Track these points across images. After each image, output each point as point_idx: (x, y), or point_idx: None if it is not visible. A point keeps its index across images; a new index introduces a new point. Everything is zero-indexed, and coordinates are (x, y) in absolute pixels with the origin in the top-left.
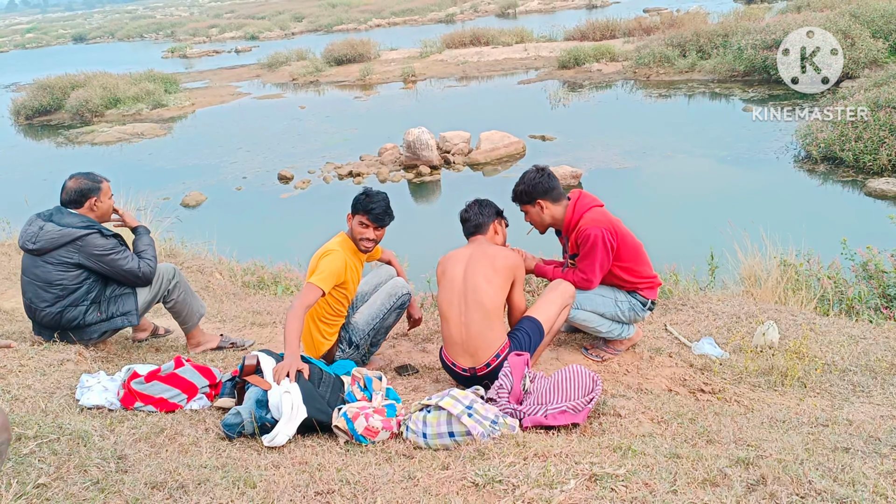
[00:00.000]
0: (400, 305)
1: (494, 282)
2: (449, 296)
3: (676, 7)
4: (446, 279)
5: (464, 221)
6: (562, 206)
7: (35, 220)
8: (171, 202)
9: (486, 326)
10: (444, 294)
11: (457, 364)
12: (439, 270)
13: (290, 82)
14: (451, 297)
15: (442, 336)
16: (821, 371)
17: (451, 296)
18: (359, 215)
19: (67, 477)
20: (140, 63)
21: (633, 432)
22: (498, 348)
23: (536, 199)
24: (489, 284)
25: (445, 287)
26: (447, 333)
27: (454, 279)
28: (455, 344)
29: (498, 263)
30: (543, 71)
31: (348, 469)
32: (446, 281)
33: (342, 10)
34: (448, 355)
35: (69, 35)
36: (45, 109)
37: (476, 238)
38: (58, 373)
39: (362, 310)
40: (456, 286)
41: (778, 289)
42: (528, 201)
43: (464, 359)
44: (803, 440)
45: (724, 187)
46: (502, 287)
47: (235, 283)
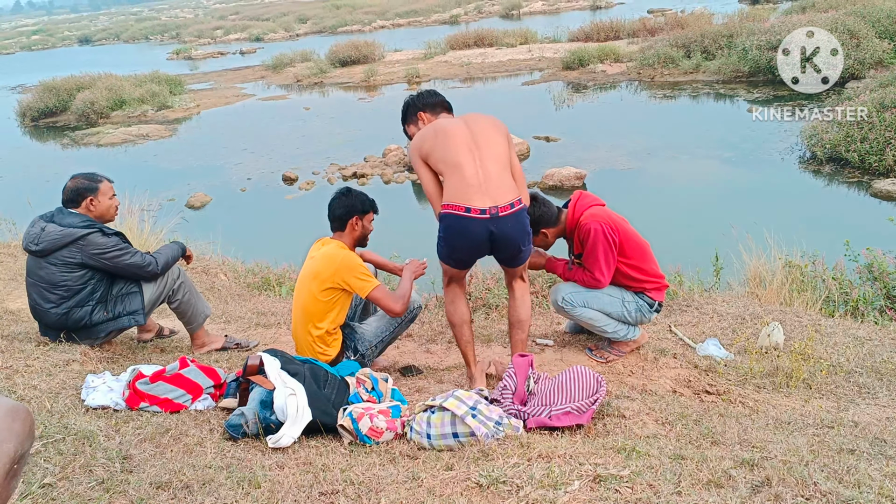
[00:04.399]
0: (411, 319)
1: (503, 134)
2: (456, 144)
3: (681, 8)
4: (446, 134)
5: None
6: (562, 223)
7: (38, 221)
8: (176, 203)
9: (505, 172)
10: (450, 144)
11: (471, 208)
12: (429, 134)
13: (295, 84)
14: (460, 145)
15: (446, 186)
16: (826, 372)
17: (458, 144)
18: (369, 214)
19: (73, 477)
20: (145, 65)
21: (638, 433)
22: (518, 195)
23: (540, 230)
24: (500, 135)
25: (449, 139)
26: (458, 178)
27: (456, 132)
28: (469, 186)
29: (498, 122)
30: (547, 72)
31: (352, 470)
32: (446, 135)
33: (346, 11)
34: (456, 202)
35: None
36: (50, 111)
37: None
38: (63, 373)
39: (371, 321)
40: (461, 135)
41: (783, 290)
42: (534, 233)
43: (481, 200)
44: (808, 442)
45: (728, 188)
46: (509, 144)
47: (240, 283)
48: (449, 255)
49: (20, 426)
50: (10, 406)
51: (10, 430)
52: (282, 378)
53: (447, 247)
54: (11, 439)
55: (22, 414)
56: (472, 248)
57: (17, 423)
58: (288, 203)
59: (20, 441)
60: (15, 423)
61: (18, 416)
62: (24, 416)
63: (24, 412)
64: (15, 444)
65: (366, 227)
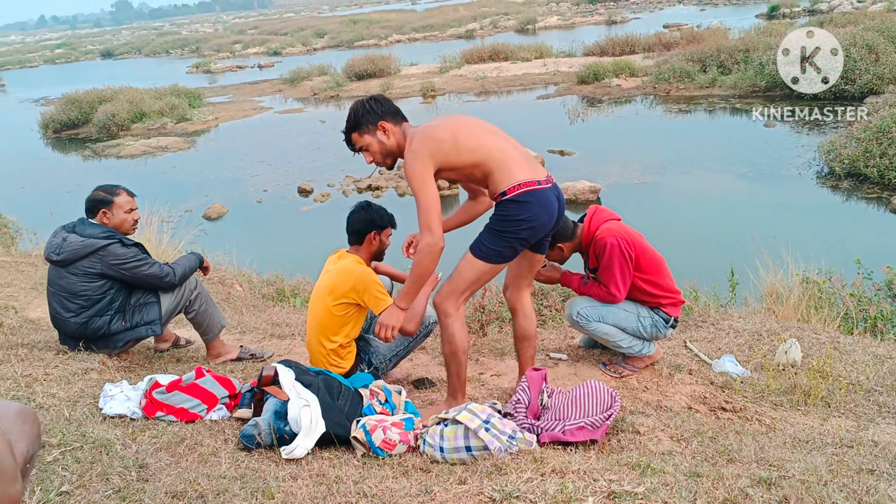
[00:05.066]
0: (426, 334)
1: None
2: (485, 131)
3: (697, 23)
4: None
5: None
6: (577, 237)
7: (59, 231)
8: (193, 214)
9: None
10: (480, 134)
11: (541, 180)
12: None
13: (312, 97)
14: (487, 131)
15: (496, 171)
16: (845, 391)
17: (486, 130)
18: (387, 229)
19: (90, 485)
20: (165, 78)
21: (653, 450)
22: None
23: (556, 244)
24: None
25: (474, 129)
26: (509, 159)
27: (474, 122)
28: (526, 161)
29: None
30: (562, 86)
31: (366, 482)
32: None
33: (363, 26)
34: (526, 178)
35: (97, 51)
36: (72, 123)
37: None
38: (82, 381)
39: None
40: (480, 124)
41: (800, 306)
42: (549, 247)
43: (538, 172)
44: (827, 461)
45: (744, 203)
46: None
47: (255, 294)
48: (525, 238)
49: (30, 427)
50: (19, 409)
51: (22, 431)
52: (296, 389)
53: (528, 229)
54: (23, 439)
55: (31, 416)
56: (551, 221)
57: (28, 425)
58: (303, 215)
59: (30, 441)
60: (25, 424)
61: (28, 419)
62: (33, 419)
63: (32, 415)
64: (27, 443)
65: (383, 242)
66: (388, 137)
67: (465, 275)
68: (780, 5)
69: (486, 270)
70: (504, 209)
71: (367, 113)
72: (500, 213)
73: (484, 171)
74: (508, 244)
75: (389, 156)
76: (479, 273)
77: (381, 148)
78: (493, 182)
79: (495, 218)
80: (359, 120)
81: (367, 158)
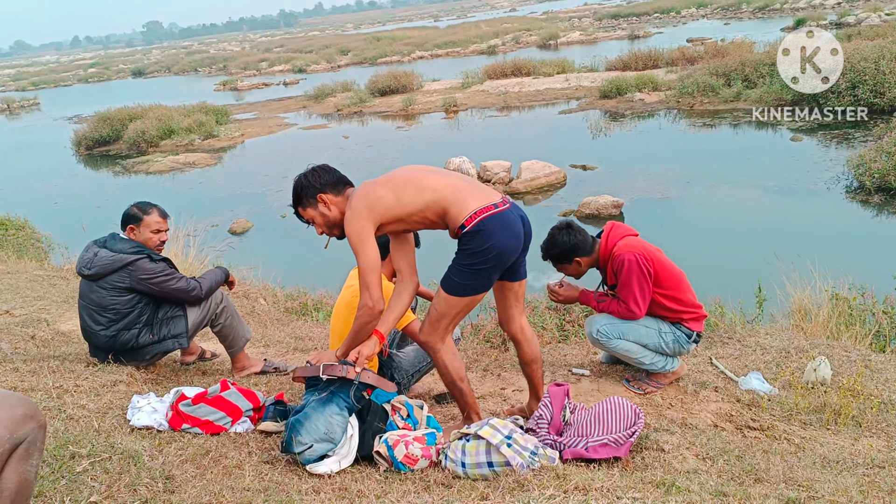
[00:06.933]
0: None
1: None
2: (426, 173)
3: (721, 37)
4: (406, 177)
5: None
6: (595, 252)
7: (91, 246)
8: (219, 229)
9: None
10: (420, 178)
11: (496, 203)
12: (382, 192)
13: (335, 113)
14: (428, 172)
15: (450, 206)
16: (877, 410)
17: (427, 171)
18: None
19: (118, 496)
20: (193, 95)
21: (678, 468)
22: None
23: (574, 259)
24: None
25: (413, 175)
26: (457, 190)
27: (412, 169)
28: (474, 189)
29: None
30: (585, 101)
31: (387, 497)
32: (407, 176)
33: (386, 43)
34: (479, 205)
35: (129, 70)
36: (104, 140)
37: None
38: (111, 393)
39: (409, 350)
40: (419, 168)
41: (830, 323)
42: (565, 261)
43: (491, 196)
44: (858, 482)
45: (771, 218)
46: None
47: (279, 308)
48: (494, 266)
49: (5, 413)
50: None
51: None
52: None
53: (496, 256)
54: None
55: (12, 402)
56: (518, 242)
57: (3, 410)
58: None
59: (10, 426)
60: (1, 410)
61: (4, 404)
62: (14, 403)
63: (15, 399)
64: (6, 428)
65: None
66: (329, 209)
67: (443, 311)
68: (806, 18)
69: (464, 303)
70: (467, 242)
71: (305, 188)
72: (463, 247)
73: (436, 210)
74: (480, 275)
75: (335, 227)
76: (457, 308)
77: (325, 220)
78: (449, 218)
79: (461, 253)
80: (299, 195)
81: (317, 230)
